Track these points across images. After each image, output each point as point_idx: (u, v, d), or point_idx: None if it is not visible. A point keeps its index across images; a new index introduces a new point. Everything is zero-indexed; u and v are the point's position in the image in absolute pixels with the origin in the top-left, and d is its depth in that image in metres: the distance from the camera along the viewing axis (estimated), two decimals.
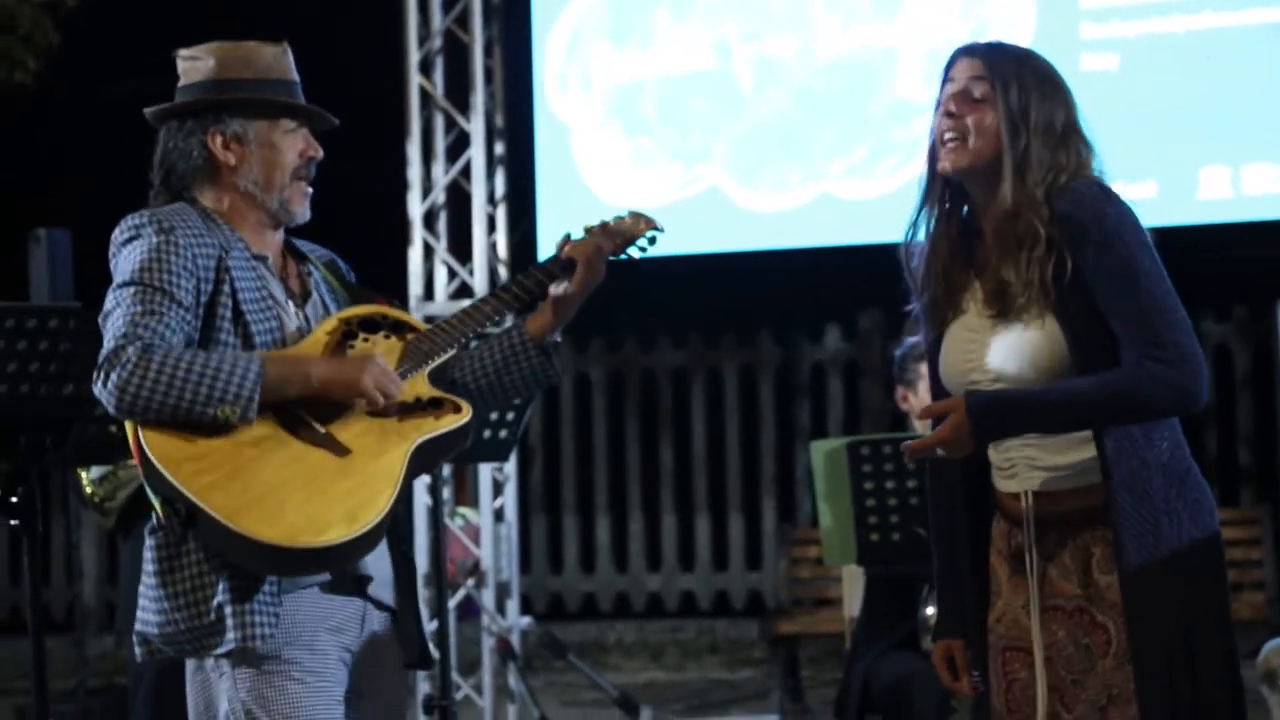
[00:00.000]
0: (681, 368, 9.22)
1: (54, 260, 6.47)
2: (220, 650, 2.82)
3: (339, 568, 2.85)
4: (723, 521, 9.11)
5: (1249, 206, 7.05)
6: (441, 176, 7.36)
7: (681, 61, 7.67)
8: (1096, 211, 2.81)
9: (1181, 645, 2.80)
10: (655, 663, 8.73)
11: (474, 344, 3.11)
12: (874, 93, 7.45)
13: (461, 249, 7.39)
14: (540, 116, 7.77)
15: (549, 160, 7.76)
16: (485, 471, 7.10)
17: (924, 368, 5.06)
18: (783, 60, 7.59)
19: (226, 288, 2.91)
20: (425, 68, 7.32)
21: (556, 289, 3.09)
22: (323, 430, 2.85)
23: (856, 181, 7.42)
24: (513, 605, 7.22)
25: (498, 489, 7.21)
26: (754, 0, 7.62)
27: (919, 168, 3.01)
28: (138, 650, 2.92)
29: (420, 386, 2.97)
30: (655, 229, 3.22)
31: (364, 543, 2.80)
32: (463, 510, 7.50)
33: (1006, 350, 2.86)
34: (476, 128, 7.30)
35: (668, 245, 8.56)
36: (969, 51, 2.94)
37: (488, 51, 7.40)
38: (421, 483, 7.07)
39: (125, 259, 2.90)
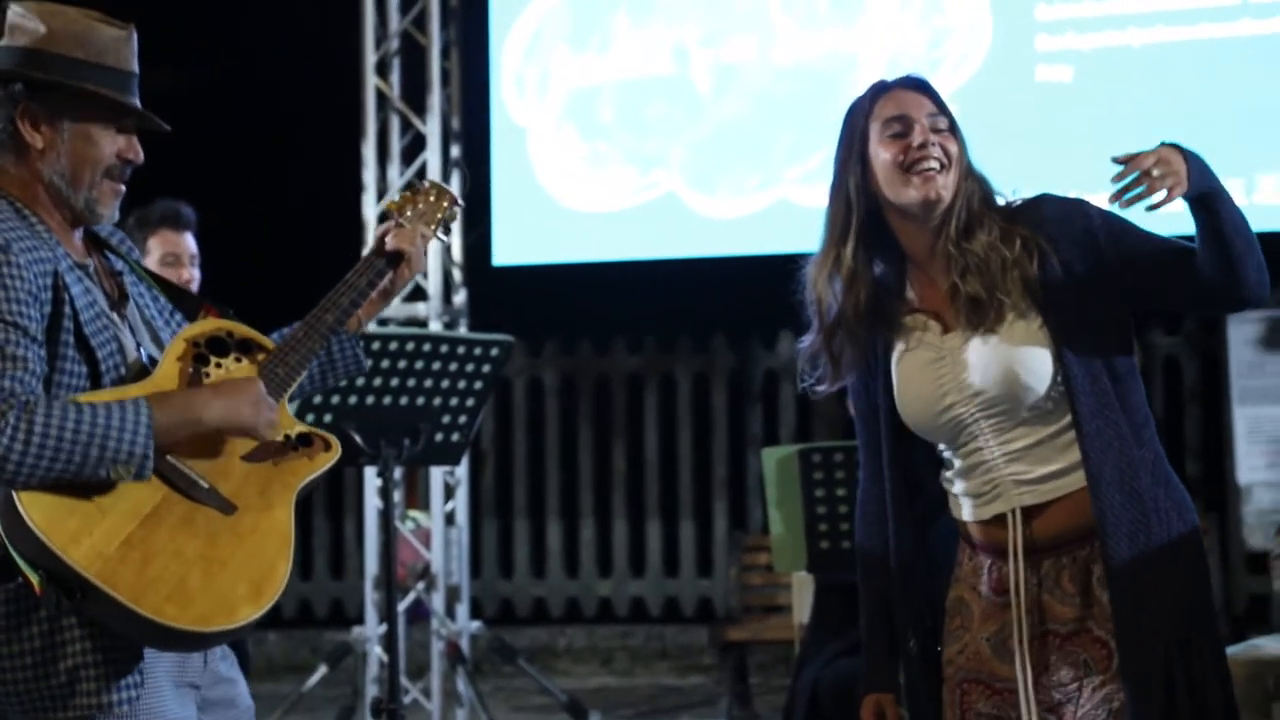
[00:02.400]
0: (635, 373, 9.22)
1: None
2: (69, 716, 2.58)
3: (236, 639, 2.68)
4: (674, 527, 9.12)
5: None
6: (397, 178, 7.34)
7: (640, 66, 7.67)
8: (1074, 202, 2.86)
9: (1177, 646, 2.79)
10: (605, 668, 8.72)
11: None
12: (832, 99, 7.47)
13: None
14: (497, 119, 7.76)
15: (505, 163, 7.75)
16: (436, 474, 7.08)
17: None
18: (741, 66, 7.61)
19: (66, 309, 2.61)
20: (382, 69, 7.30)
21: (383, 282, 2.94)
22: (206, 485, 2.64)
23: (813, 187, 7.44)
24: (463, 609, 7.19)
25: (449, 492, 7.19)
26: (713, 5, 7.63)
27: None
28: None
29: (285, 421, 2.76)
30: (456, 204, 3.03)
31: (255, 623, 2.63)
32: (413, 513, 7.47)
33: (989, 363, 2.84)
34: (433, 130, 7.28)
35: (624, 250, 8.54)
36: (914, 85, 2.95)
37: (445, 53, 7.38)
38: (372, 485, 7.05)
39: None
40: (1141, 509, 2.81)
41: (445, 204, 3.03)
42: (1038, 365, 2.83)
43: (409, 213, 3.00)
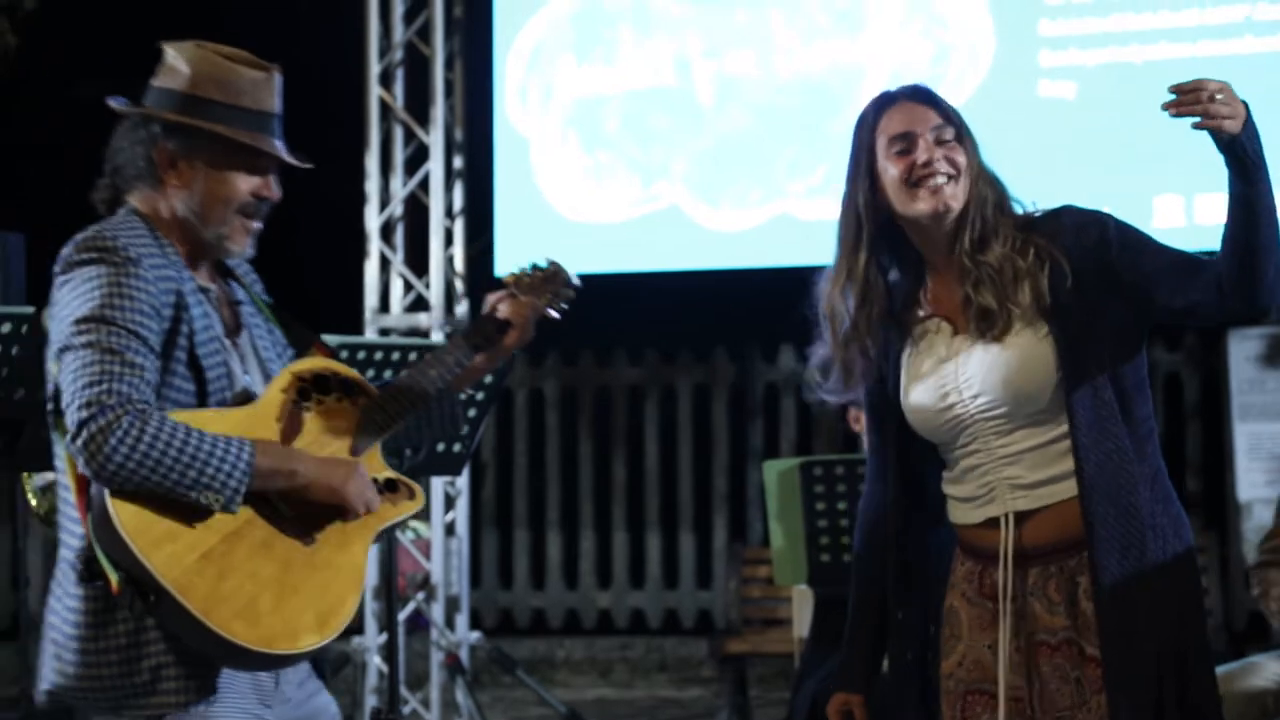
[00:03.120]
0: (636, 384, 9.23)
1: (6, 264, 6.42)
2: (149, 713, 2.69)
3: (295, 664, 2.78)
4: (674, 540, 9.11)
5: (1201, 236, 7.11)
6: (400, 189, 7.35)
7: (642, 78, 7.68)
8: (1094, 213, 2.88)
9: (1170, 666, 2.78)
10: (604, 680, 8.72)
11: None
12: (835, 113, 7.48)
13: (418, 262, 7.38)
14: (500, 130, 7.77)
15: (507, 174, 7.76)
16: (437, 485, 7.09)
17: None
18: (744, 78, 7.62)
19: (184, 328, 2.74)
20: (385, 80, 7.31)
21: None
22: (290, 514, 2.74)
23: (816, 202, 7.45)
24: (462, 620, 7.20)
25: (449, 503, 7.20)
26: (716, 17, 7.64)
27: None
28: (39, 696, 2.78)
29: (376, 464, 2.88)
30: (572, 285, 3.15)
31: (319, 651, 2.75)
32: (414, 524, 7.48)
33: (991, 368, 2.85)
34: (436, 141, 7.30)
35: (626, 261, 8.55)
36: (919, 97, 2.94)
37: (448, 65, 7.40)
38: None
39: (84, 286, 2.70)
40: (1137, 524, 2.80)
41: (561, 283, 3.14)
42: (1038, 373, 2.83)
43: (525, 284, 3.09)
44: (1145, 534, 2.80)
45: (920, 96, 2.94)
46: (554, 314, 3.12)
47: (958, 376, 2.88)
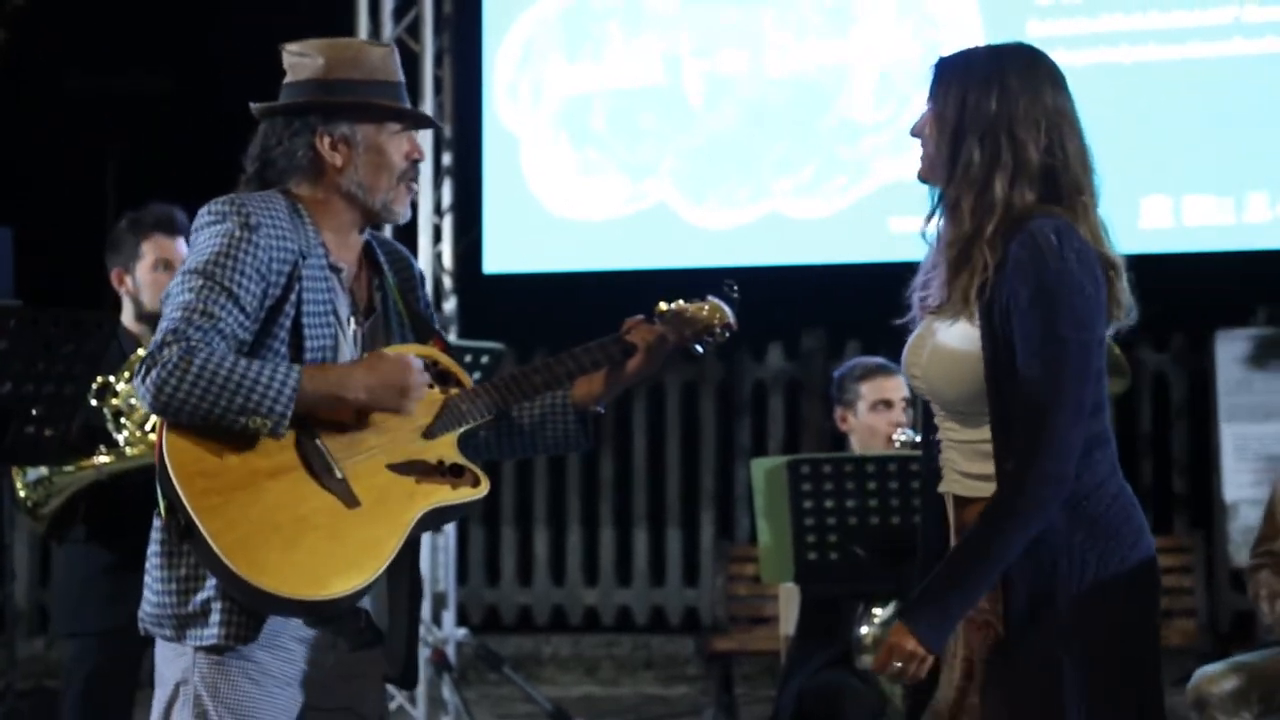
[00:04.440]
0: None
1: None
2: (200, 643, 2.82)
3: (317, 617, 2.83)
4: (661, 537, 9.12)
5: (1189, 237, 7.13)
6: None
7: (632, 76, 7.68)
8: (1040, 266, 2.72)
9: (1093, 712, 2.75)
10: (590, 677, 8.72)
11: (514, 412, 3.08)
12: (823, 111, 7.49)
13: None
14: (489, 127, 7.76)
15: (496, 171, 7.76)
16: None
17: (864, 388, 5.09)
18: (733, 76, 7.63)
19: (293, 297, 2.87)
20: None
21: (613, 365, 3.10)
22: (340, 475, 2.81)
23: (804, 200, 7.46)
24: (449, 616, 7.19)
25: None
26: (706, 16, 7.65)
27: (867, 188, 3.02)
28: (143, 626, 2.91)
29: (446, 449, 2.93)
30: (729, 327, 3.18)
31: (348, 601, 2.78)
32: None
33: (932, 355, 2.85)
34: (424, 137, 7.29)
35: (614, 259, 8.55)
36: (934, 65, 2.91)
37: (438, 61, 7.39)
38: None
39: (201, 244, 2.87)
40: (1050, 551, 2.75)
41: (715, 321, 3.17)
42: (958, 375, 2.80)
43: (669, 315, 3.15)
44: (1058, 561, 2.75)
45: (934, 64, 2.91)
46: (698, 349, 3.17)
47: (920, 352, 2.88)
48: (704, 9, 7.66)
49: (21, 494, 4.25)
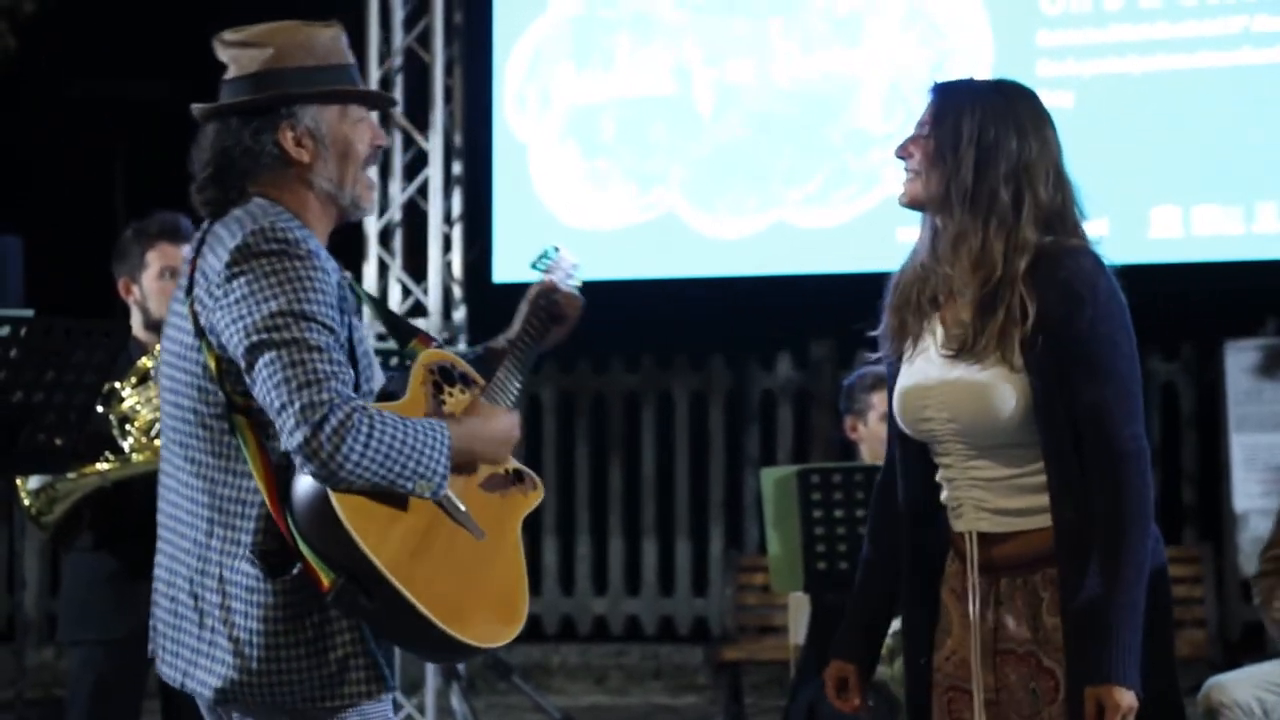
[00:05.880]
0: (633, 391, 9.23)
1: (4, 267, 6.43)
2: (336, 703, 2.66)
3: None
4: (670, 546, 9.11)
5: (1198, 247, 7.12)
6: (399, 194, 7.35)
7: (641, 85, 7.69)
8: (1093, 287, 2.77)
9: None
10: (599, 686, 8.72)
11: None
12: (833, 122, 7.50)
13: (416, 267, 7.38)
14: (498, 136, 7.78)
15: (506, 180, 7.77)
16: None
17: (874, 398, 5.09)
18: (742, 86, 7.63)
19: (348, 319, 2.70)
20: (385, 86, 7.31)
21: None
22: (464, 509, 2.73)
23: (813, 210, 7.46)
24: None
25: None
26: (715, 26, 7.66)
27: (875, 198, 3.02)
28: (208, 710, 2.74)
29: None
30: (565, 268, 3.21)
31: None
32: None
33: (961, 394, 2.83)
34: (435, 146, 7.30)
35: (623, 268, 8.57)
36: (931, 89, 2.92)
37: (448, 70, 7.40)
38: None
39: (272, 279, 2.61)
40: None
41: (568, 263, 3.23)
42: (1003, 408, 2.80)
43: (559, 272, 3.20)
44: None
45: (931, 88, 2.92)
46: (570, 288, 3.16)
47: (937, 393, 2.86)
48: (713, 20, 7.66)
49: (26, 502, 4.25)
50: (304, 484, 2.61)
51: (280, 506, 2.64)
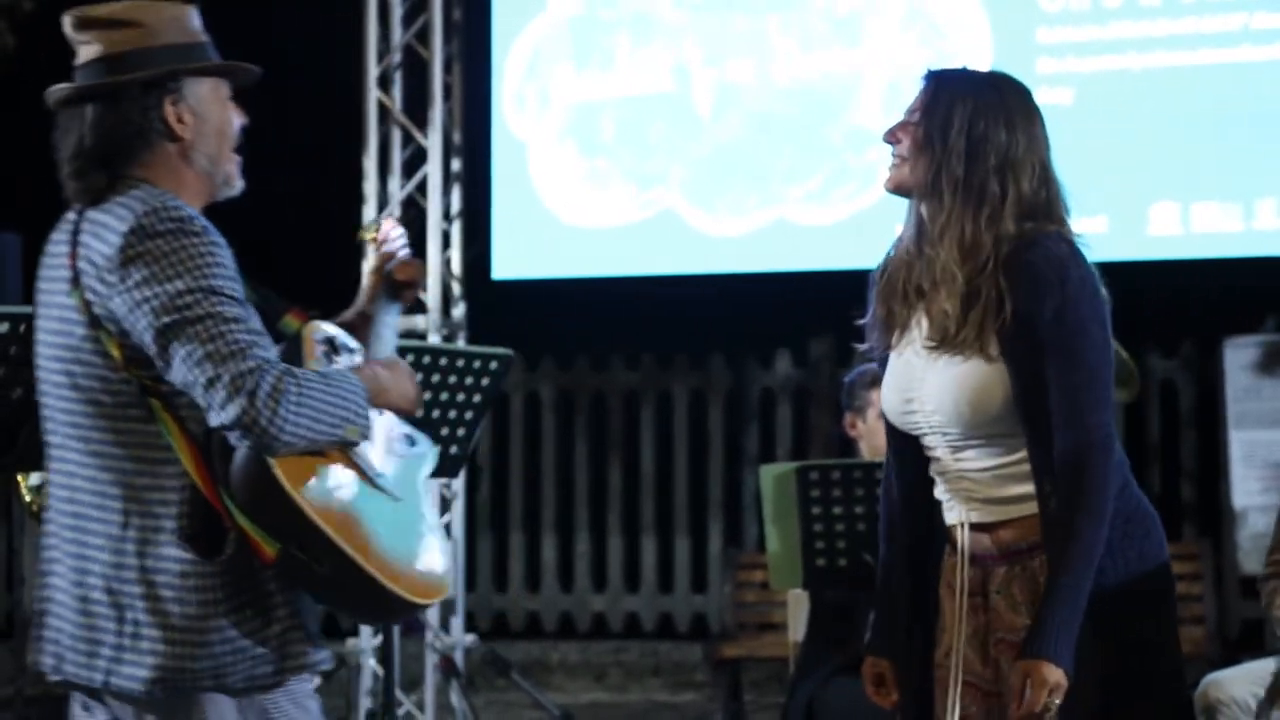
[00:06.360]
0: (632, 389, 9.23)
1: (3, 264, 6.43)
2: (283, 675, 2.66)
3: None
4: (669, 544, 9.12)
5: (1198, 244, 7.13)
6: (397, 191, 7.35)
7: (641, 84, 7.69)
8: (1062, 273, 2.77)
9: (1118, 681, 2.78)
10: (598, 683, 8.72)
11: None
12: (832, 119, 7.50)
13: None
14: (497, 134, 7.78)
15: (505, 178, 7.77)
16: (433, 487, 7.09)
17: (873, 394, 5.09)
18: (742, 85, 7.63)
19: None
20: (384, 82, 7.31)
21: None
22: (378, 471, 2.72)
23: (813, 208, 7.46)
24: (457, 622, 7.20)
25: (445, 505, 7.20)
26: (715, 25, 7.66)
27: (875, 196, 3.03)
28: (145, 691, 2.63)
29: (393, 418, 2.87)
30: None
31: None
32: None
33: (944, 385, 2.84)
34: (434, 143, 7.30)
35: (623, 266, 8.54)
36: (925, 76, 2.93)
37: (447, 68, 7.40)
38: None
39: (172, 258, 2.58)
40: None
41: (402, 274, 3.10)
42: (986, 399, 2.81)
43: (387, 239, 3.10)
44: (1102, 559, 2.78)
45: (925, 76, 2.94)
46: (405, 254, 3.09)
47: (921, 386, 2.87)
48: (712, 18, 7.66)
49: (27, 499, 4.25)
50: (240, 457, 2.57)
51: (214, 485, 2.60)
